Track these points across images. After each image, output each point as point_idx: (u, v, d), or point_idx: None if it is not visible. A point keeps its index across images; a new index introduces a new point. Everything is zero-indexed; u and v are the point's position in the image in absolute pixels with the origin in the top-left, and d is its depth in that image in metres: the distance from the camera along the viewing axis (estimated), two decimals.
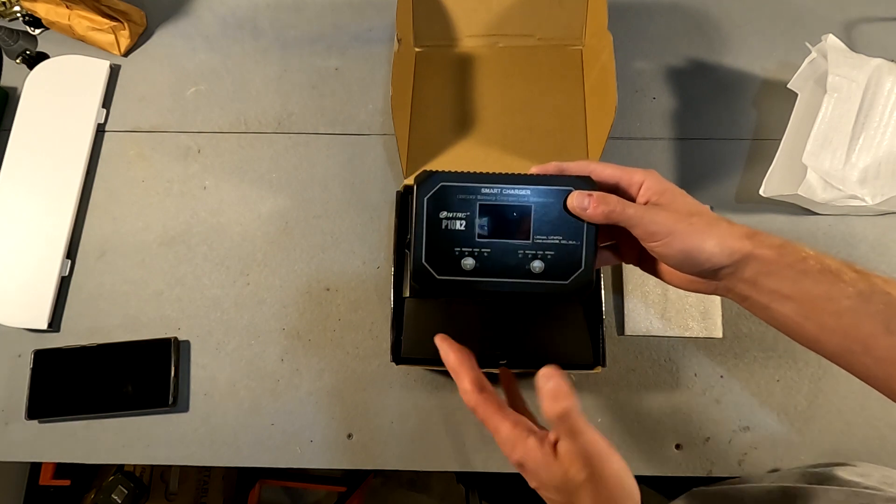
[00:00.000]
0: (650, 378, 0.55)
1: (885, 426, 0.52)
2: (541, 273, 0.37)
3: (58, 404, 0.55)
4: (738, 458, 0.53)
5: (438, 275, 0.37)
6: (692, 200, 0.34)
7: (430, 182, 0.37)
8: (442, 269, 0.37)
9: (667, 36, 0.65)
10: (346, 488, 1.15)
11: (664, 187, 0.35)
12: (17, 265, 0.59)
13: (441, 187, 0.37)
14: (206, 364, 0.57)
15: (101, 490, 0.92)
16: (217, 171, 0.63)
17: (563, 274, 0.37)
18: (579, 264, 0.37)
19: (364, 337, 0.57)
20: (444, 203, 0.37)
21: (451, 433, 0.54)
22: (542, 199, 0.37)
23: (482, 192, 0.37)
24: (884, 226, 0.58)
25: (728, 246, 0.32)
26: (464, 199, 0.37)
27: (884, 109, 0.54)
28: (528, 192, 0.37)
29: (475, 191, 0.37)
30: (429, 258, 0.37)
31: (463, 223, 0.37)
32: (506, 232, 0.37)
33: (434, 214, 0.37)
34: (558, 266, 0.37)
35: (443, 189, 0.37)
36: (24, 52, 0.66)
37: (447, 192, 0.37)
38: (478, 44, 0.63)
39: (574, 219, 0.37)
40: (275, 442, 0.55)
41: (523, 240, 0.37)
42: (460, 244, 0.37)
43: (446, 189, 0.37)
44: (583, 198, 0.35)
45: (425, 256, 0.37)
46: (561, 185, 0.37)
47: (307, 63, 0.66)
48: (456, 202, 0.37)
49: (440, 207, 0.37)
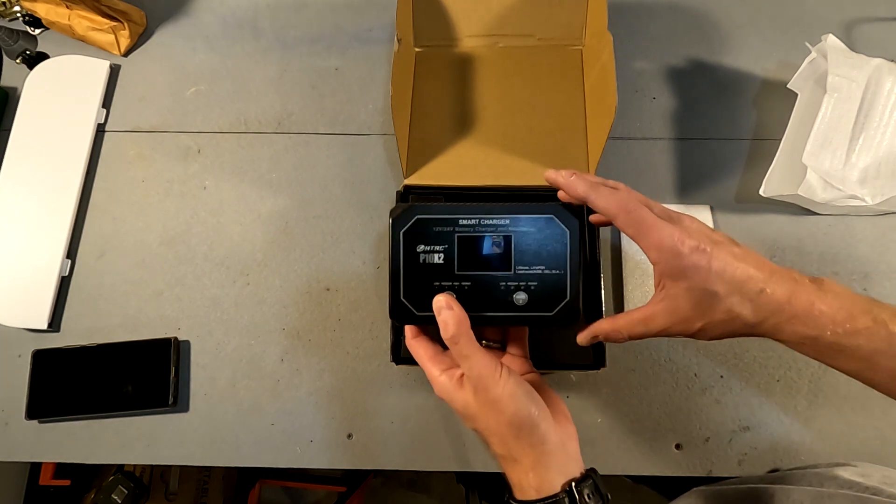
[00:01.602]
0: (650, 378, 0.55)
1: (886, 426, 0.52)
2: (524, 305, 0.36)
3: (58, 404, 0.55)
4: (738, 458, 0.53)
5: (418, 311, 0.36)
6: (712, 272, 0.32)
7: (405, 215, 0.36)
8: (421, 304, 0.36)
9: (667, 36, 0.65)
10: (346, 488, 1.15)
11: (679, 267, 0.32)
12: (17, 265, 0.59)
13: (417, 220, 0.36)
14: (206, 364, 0.57)
15: (101, 490, 0.92)
16: (217, 171, 0.63)
17: (547, 305, 0.36)
18: (564, 294, 0.36)
19: (364, 337, 0.57)
20: (421, 237, 0.36)
21: (451, 433, 0.54)
22: (523, 229, 0.36)
23: (460, 224, 0.36)
24: (884, 226, 0.58)
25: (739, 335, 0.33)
26: (441, 232, 0.36)
27: (884, 109, 0.54)
28: (508, 222, 0.36)
29: (452, 222, 0.36)
30: (407, 294, 0.36)
31: (441, 256, 0.36)
32: (486, 264, 0.36)
33: (411, 248, 0.36)
34: (542, 297, 0.36)
35: (419, 222, 0.36)
36: (24, 52, 0.66)
37: (424, 225, 0.36)
38: (478, 44, 0.63)
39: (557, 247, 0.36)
40: (275, 442, 0.55)
41: (505, 271, 0.36)
42: (439, 278, 0.36)
43: (423, 222, 0.36)
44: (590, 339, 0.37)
45: (403, 292, 0.36)
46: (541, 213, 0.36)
47: (307, 63, 0.66)
48: (433, 235, 0.36)
49: (417, 241, 0.36)
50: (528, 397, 0.34)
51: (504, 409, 0.33)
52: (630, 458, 0.53)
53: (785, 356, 0.54)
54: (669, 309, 0.33)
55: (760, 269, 0.33)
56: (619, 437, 0.53)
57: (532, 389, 0.35)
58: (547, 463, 0.34)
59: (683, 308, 0.33)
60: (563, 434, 0.35)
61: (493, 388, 0.33)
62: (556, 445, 0.34)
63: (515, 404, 0.33)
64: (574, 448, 0.36)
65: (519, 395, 0.33)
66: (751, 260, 0.33)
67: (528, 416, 0.33)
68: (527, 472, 0.34)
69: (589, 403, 0.54)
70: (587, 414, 0.54)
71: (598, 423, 0.54)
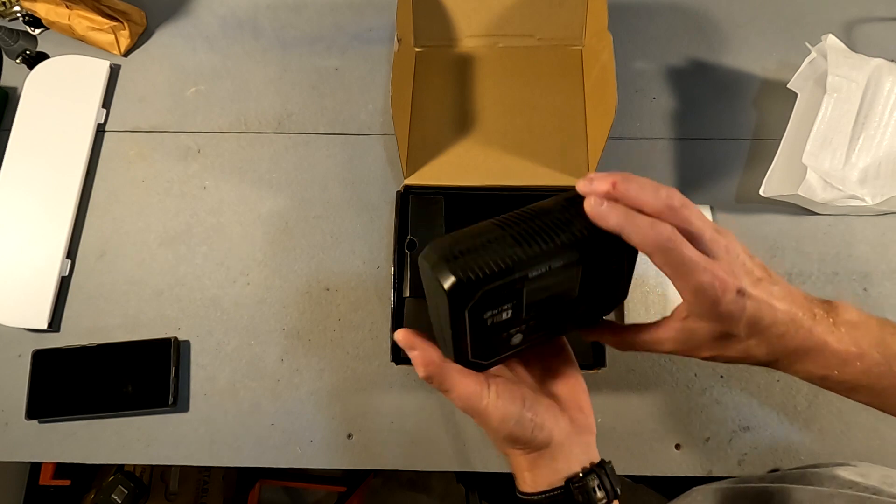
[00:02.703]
0: (650, 378, 0.55)
1: (885, 426, 0.52)
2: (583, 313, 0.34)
3: (58, 404, 0.55)
4: (738, 458, 0.53)
5: (486, 360, 0.33)
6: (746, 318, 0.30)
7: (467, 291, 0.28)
8: (489, 355, 0.33)
9: (667, 36, 0.65)
10: (346, 488, 1.15)
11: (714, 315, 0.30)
12: (17, 265, 0.59)
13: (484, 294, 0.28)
14: (206, 364, 0.57)
15: (101, 490, 0.92)
16: (217, 171, 0.63)
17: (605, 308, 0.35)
18: (623, 294, 0.35)
19: (364, 337, 0.57)
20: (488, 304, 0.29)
21: (451, 433, 0.54)
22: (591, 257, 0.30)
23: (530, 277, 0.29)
24: (884, 226, 0.58)
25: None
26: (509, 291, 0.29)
27: (883, 109, 0.54)
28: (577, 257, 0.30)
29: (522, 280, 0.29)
30: (476, 354, 0.32)
31: (509, 312, 0.30)
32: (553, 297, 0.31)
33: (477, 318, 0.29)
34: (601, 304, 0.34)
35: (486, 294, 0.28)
36: (24, 52, 0.66)
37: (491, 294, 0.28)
38: (478, 44, 0.63)
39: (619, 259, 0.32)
40: (275, 442, 0.55)
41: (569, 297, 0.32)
42: (508, 328, 0.31)
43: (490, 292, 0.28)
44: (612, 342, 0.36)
45: (472, 354, 0.32)
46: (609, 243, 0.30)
47: (307, 63, 0.66)
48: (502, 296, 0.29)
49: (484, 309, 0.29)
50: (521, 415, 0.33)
51: (497, 430, 0.33)
52: (630, 458, 0.53)
53: None
54: (684, 339, 0.33)
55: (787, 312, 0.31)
56: (619, 437, 0.53)
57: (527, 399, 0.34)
58: (545, 462, 0.34)
59: (698, 340, 0.32)
60: (570, 429, 0.34)
61: (481, 414, 0.33)
62: (561, 443, 0.34)
63: (507, 427, 0.32)
64: (585, 441, 0.35)
65: (509, 414, 0.32)
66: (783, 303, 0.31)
67: (522, 433, 0.33)
68: (523, 471, 0.34)
69: None
70: None
71: (598, 423, 0.53)
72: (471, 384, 0.32)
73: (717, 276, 0.29)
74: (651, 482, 0.76)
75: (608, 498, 0.33)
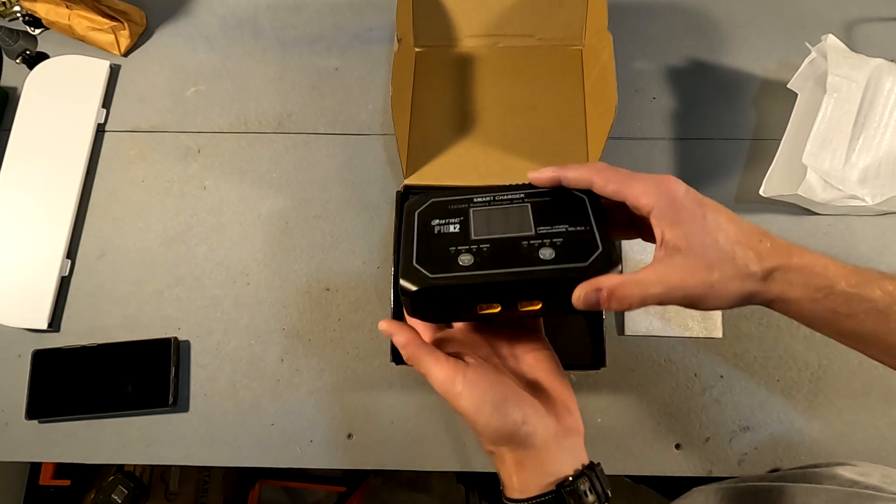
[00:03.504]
0: (650, 378, 0.55)
1: (885, 426, 0.52)
2: (553, 259, 0.32)
3: (58, 404, 0.55)
4: (738, 458, 0.53)
5: (431, 273, 0.33)
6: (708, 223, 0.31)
7: (420, 199, 0.37)
8: (435, 268, 0.33)
9: (667, 36, 0.65)
10: (346, 488, 1.15)
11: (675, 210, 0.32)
12: (17, 265, 0.59)
13: (432, 203, 0.37)
14: (206, 364, 0.57)
15: (101, 490, 0.92)
16: (217, 171, 0.63)
17: (579, 257, 0.32)
18: (595, 245, 0.33)
19: (364, 337, 0.57)
20: (436, 214, 0.36)
21: (451, 433, 0.54)
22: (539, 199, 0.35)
23: (474, 200, 0.36)
24: (884, 226, 0.58)
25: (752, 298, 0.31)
26: (456, 208, 0.36)
27: (883, 109, 0.54)
28: (523, 195, 0.36)
29: (467, 200, 0.36)
30: (420, 259, 0.33)
31: (457, 226, 0.35)
32: (505, 228, 0.34)
33: (425, 224, 0.36)
34: (572, 251, 0.33)
35: (434, 203, 0.37)
36: (24, 52, 0.66)
37: (439, 206, 0.36)
38: (478, 44, 0.63)
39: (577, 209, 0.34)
40: (275, 442, 0.55)
41: (525, 232, 0.33)
42: (455, 243, 0.34)
43: (438, 203, 0.36)
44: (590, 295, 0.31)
45: (416, 258, 0.34)
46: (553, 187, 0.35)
47: (307, 63, 0.66)
48: (448, 211, 0.36)
49: (432, 217, 0.36)
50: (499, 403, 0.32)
51: (473, 419, 0.32)
52: (630, 458, 0.53)
53: (785, 356, 0.54)
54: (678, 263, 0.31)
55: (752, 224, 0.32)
56: (619, 437, 0.53)
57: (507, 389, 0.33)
58: (532, 463, 0.32)
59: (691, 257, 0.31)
60: (557, 429, 0.33)
61: (456, 402, 0.32)
62: (546, 443, 0.32)
63: (484, 415, 0.32)
64: (573, 442, 0.34)
65: (484, 404, 0.32)
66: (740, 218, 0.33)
67: (503, 424, 0.32)
68: (510, 476, 0.33)
69: (589, 403, 0.54)
70: (587, 414, 0.54)
71: (598, 423, 0.54)
72: (445, 367, 0.33)
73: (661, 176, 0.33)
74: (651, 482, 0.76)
75: (599, 501, 0.32)
